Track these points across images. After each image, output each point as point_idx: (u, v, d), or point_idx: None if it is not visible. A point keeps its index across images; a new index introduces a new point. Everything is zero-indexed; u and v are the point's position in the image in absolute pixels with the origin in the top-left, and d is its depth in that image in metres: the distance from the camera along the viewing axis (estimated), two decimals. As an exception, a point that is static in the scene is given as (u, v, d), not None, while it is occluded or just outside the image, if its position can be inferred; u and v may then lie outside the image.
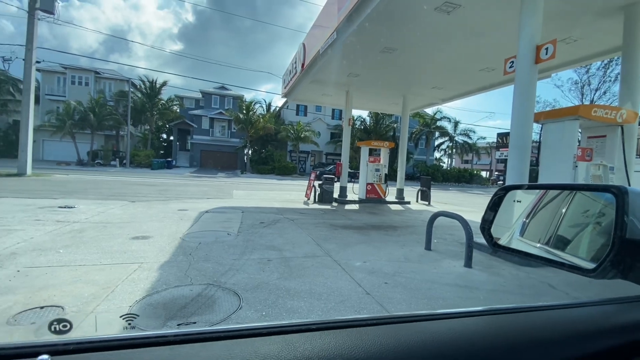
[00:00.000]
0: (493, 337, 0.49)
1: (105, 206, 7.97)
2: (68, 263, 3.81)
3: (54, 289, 3.06)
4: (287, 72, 13.56)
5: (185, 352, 0.39)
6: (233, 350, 0.40)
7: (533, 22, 5.26)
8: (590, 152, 5.26)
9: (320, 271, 4.07)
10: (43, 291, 3.01)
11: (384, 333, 0.47)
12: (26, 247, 4.30)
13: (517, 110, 5.44)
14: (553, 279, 4.29)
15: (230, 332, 0.44)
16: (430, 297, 3.53)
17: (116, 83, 35.91)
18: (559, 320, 0.57)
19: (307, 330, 0.47)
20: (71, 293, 3.00)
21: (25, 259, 3.85)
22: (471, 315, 0.56)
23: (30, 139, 14.87)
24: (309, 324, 0.48)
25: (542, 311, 0.60)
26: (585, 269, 0.63)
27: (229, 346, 0.41)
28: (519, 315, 0.58)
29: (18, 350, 0.37)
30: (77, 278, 3.36)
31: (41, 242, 4.58)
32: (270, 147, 36.79)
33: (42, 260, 3.83)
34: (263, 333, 0.45)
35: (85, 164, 29.12)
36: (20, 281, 3.21)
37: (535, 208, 0.88)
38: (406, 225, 8.13)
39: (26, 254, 4.03)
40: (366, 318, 0.51)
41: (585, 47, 7.80)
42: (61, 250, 4.29)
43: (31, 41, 14.69)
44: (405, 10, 6.53)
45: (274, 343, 0.43)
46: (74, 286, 3.16)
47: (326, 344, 0.43)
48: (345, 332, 0.47)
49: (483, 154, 45.05)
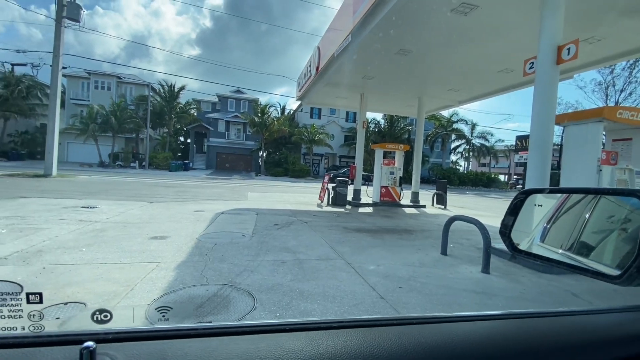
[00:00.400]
0: (514, 341, 0.48)
1: (125, 207, 8.21)
2: (90, 261, 3.94)
3: (77, 286, 3.18)
4: (302, 75, 13.66)
5: (214, 345, 0.41)
6: (259, 344, 0.42)
7: (554, 21, 5.12)
8: (615, 155, 5.06)
9: (334, 274, 4.06)
10: (67, 288, 3.13)
11: (403, 333, 0.47)
12: (51, 245, 4.49)
13: (538, 112, 5.29)
14: (576, 287, 4.13)
15: (256, 327, 0.46)
16: (446, 303, 3.46)
17: (137, 87, 37.09)
18: (581, 326, 0.55)
19: (328, 327, 0.48)
20: (93, 290, 3.11)
21: (50, 257, 4.01)
22: (491, 319, 0.55)
23: (56, 142, 15.52)
24: (331, 322, 0.49)
25: (564, 317, 0.58)
26: (610, 275, 0.61)
27: (255, 340, 0.43)
28: (540, 320, 0.57)
29: (64, 338, 0.40)
30: (98, 276, 3.48)
31: (65, 241, 4.76)
32: (284, 150, 37.09)
33: (66, 258, 3.99)
34: (287, 329, 0.46)
35: (106, 165, 30.14)
36: (46, 278, 3.35)
37: (557, 213, 0.86)
38: (421, 229, 8.02)
39: (51, 252, 4.20)
40: (385, 318, 0.51)
41: (610, 46, 7.52)
42: (84, 248, 4.45)
43: (58, 48, 15.37)
44: (421, 13, 6.48)
45: (297, 339, 0.44)
46: (96, 284, 3.27)
47: (347, 342, 0.44)
48: (365, 331, 0.48)
49: (501, 157, 43.95)
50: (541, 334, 0.52)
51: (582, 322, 0.58)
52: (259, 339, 0.44)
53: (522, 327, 0.54)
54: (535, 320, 0.57)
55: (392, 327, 0.49)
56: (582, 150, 5.03)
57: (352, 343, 0.43)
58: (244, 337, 0.44)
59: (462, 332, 0.48)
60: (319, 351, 0.41)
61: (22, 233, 5.00)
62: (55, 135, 15.41)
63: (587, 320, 0.59)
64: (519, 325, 0.54)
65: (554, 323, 0.56)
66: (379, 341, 0.44)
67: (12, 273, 3.43)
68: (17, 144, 31.64)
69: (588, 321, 0.59)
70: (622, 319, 0.61)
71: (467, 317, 0.54)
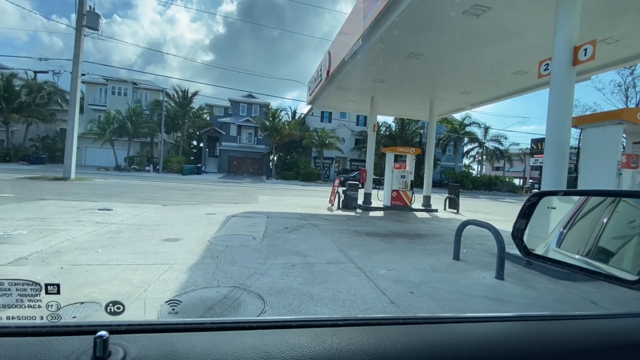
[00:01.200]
0: (522, 343, 0.47)
1: (140, 209, 8.39)
2: (105, 262, 4.04)
3: (93, 286, 3.25)
4: (313, 79, 13.75)
5: (222, 339, 0.42)
6: (265, 339, 0.43)
7: (570, 22, 5.01)
8: (636, 158, 4.89)
9: (344, 278, 4.04)
10: (83, 287, 3.21)
11: (408, 332, 0.47)
12: (69, 246, 4.61)
13: (553, 115, 5.17)
14: (595, 294, 4.00)
15: (263, 322, 0.46)
16: (459, 309, 3.40)
17: (151, 93, 38.04)
18: (594, 331, 0.54)
19: (334, 325, 0.48)
20: (108, 290, 3.18)
21: (68, 257, 4.12)
22: (498, 320, 0.54)
23: (74, 146, 16.02)
24: (337, 319, 0.49)
25: (577, 320, 0.57)
26: (628, 280, 0.59)
27: (262, 335, 0.44)
28: (550, 323, 0.55)
29: (79, 328, 0.42)
30: (113, 276, 3.55)
31: (82, 242, 4.89)
32: (295, 154, 37.27)
33: (82, 259, 4.09)
34: (293, 325, 0.47)
35: (122, 169, 30.91)
36: (64, 277, 3.44)
37: (574, 217, 0.83)
38: (433, 233, 7.91)
39: (69, 253, 4.32)
40: (391, 317, 0.51)
41: (629, 47, 7.31)
42: (99, 250, 4.56)
43: (78, 55, 15.91)
44: (432, 16, 6.45)
45: (303, 335, 0.44)
46: (111, 284, 3.34)
47: (353, 339, 0.44)
48: (370, 329, 0.47)
49: (516, 160, 43.05)
50: (551, 337, 0.50)
51: (594, 326, 0.56)
52: (265, 334, 0.44)
53: (531, 329, 0.53)
54: (545, 323, 0.55)
55: (398, 326, 0.49)
56: (600, 153, 4.89)
57: (357, 341, 0.44)
58: (251, 331, 0.45)
59: (468, 333, 0.47)
60: (324, 347, 0.41)
61: (41, 234, 5.16)
62: (74, 139, 15.90)
63: (600, 325, 0.57)
64: (527, 328, 0.53)
65: (565, 326, 0.55)
66: (384, 340, 0.44)
67: (31, 272, 3.54)
68: (38, 148, 32.82)
69: (601, 325, 0.57)
70: (633, 325, 0.59)
71: (474, 319, 0.53)
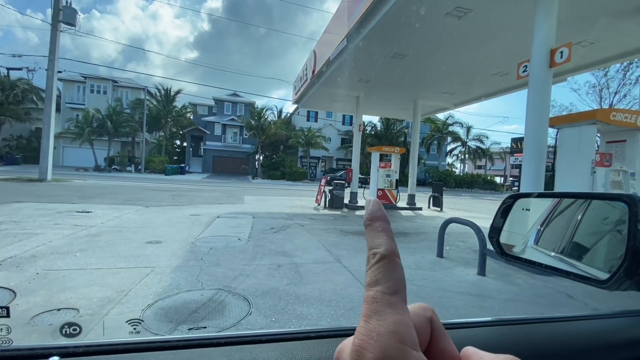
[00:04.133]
0: (508, 349, 0.48)
1: (121, 211, 8.16)
2: (84, 266, 3.90)
3: (70, 292, 3.14)
4: (298, 78, 13.70)
5: (187, 357, 0.41)
6: (233, 356, 0.41)
7: (547, 25, 5.18)
8: (609, 157, 5.10)
9: (330, 277, 4.05)
10: (60, 294, 3.10)
11: None
12: (45, 251, 4.44)
13: (532, 115, 5.33)
14: (571, 288, 4.15)
15: (231, 338, 0.45)
16: (442, 305, 3.46)
17: (133, 91, 37.02)
18: (579, 332, 0.56)
19: (305, 338, 0.47)
20: (87, 296, 3.07)
21: (44, 262, 3.97)
22: (480, 326, 0.55)
23: (51, 146, 15.42)
24: (309, 332, 0.49)
25: (553, 323, 0.58)
26: (599, 279, 0.61)
27: (229, 352, 0.42)
28: (530, 327, 0.57)
29: (32, 352, 0.39)
30: (92, 281, 3.44)
31: (59, 246, 4.72)
32: (281, 153, 37.11)
33: (59, 264, 3.94)
34: (262, 340, 0.46)
35: (102, 169, 29.96)
36: (39, 283, 3.31)
37: (550, 215, 0.86)
38: (417, 231, 8.03)
39: (45, 257, 4.15)
40: None
41: (603, 49, 7.61)
42: (78, 253, 4.40)
43: (54, 52, 15.30)
44: (415, 17, 6.53)
45: (272, 350, 0.43)
46: (90, 289, 3.23)
47: (324, 352, 0.43)
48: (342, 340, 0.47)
49: (497, 159, 44.23)
50: (538, 341, 0.51)
51: (579, 328, 0.58)
52: (233, 350, 0.43)
53: (518, 333, 0.54)
54: (532, 327, 0.57)
55: None
56: (576, 152, 5.07)
57: (329, 353, 0.43)
58: (219, 348, 0.43)
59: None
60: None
61: (15, 238, 4.94)
62: (50, 139, 15.30)
63: (585, 326, 0.59)
64: (514, 332, 0.54)
65: (551, 329, 0.56)
66: None
67: (4, 279, 3.38)
68: (12, 148, 31.43)
69: (586, 327, 0.59)
70: (621, 324, 0.61)
71: (458, 325, 0.54)
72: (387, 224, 0.25)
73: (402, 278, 0.22)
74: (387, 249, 0.23)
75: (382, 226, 0.24)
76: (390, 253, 0.23)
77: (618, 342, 0.54)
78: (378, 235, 0.24)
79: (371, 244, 0.24)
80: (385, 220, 0.25)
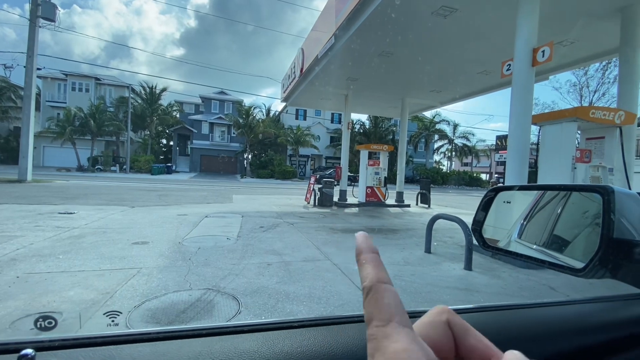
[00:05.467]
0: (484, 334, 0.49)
1: (105, 212, 7.97)
2: (67, 269, 3.80)
3: (53, 295, 3.06)
4: (286, 76, 13.63)
5: (166, 349, 0.40)
6: (213, 346, 0.41)
7: (529, 25, 5.30)
8: (589, 153, 5.26)
9: (320, 275, 4.06)
10: (42, 297, 3.01)
11: (364, 329, 0.47)
12: (26, 253, 4.30)
13: (515, 113, 5.45)
14: (554, 281, 4.28)
15: (213, 329, 0.45)
16: (430, 300, 3.52)
17: (116, 89, 36.12)
18: (549, 317, 0.58)
19: (288, 327, 0.48)
20: (70, 299, 3.00)
21: (24, 265, 3.84)
22: (462, 312, 0.56)
23: (31, 146, 14.91)
24: (292, 321, 0.49)
25: (532, 308, 0.60)
26: (575, 268, 0.63)
27: (209, 343, 0.42)
28: (510, 312, 0.58)
29: (5, 347, 0.38)
30: (76, 284, 3.36)
31: (41, 248, 4.58)
32: (270, 152, 36.89)
33: (41, 267, 3.83)
34: (245, 330, 0.46)
35: (85, 169, 29.17)
36: (20, 287, 3.21)
37: (533, 210, 0.88)
38: (406, 228, 8.12)
39: (25, 260, 4.03)
40: (347, 316, 0.51)
41: (583, 49, 7.84)
42: (60, 256, 4.29)
43: (32, 48, 14.79)
44: (402, 15, 6.58)
45: (254, 340, 0.43)
46: (74, 292, 3.15)
47: (306, 340, 0.44)
48: (326, 329, 0.48)
49: (482, 156, 45.08)
50: (511, 326, 0.53)
51: (549, 314, 0.60)
52: (214, 341, 0.43)
53: (492, 319, 0.55)
54: (506, 313, 0.58)
55: (353, 324, 0.50)
56: (557, 148, 5.21)
57: (310, 341, 0.43)
58: (199, 339, 0.43)
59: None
60: (275, 351, 0.41)
61: (-7, 241, 4.77)
62: (30, 138, 14.79)
63: (556, 312, 0.61)
64: (487, 318, 0.56)
65: (523, 314, 0.58)
66: (337, 338, 0.44)
67: (-18, 283, 3.27)
68: (-11, 148, 30.27)
69: (556, 312, 0.61)
70: (589, 310, 0.63)
71: None
72: (372, 253, 0.25)
73: (394, 302, 0.22)
74: (372, 279, 0.23)
75: (366, 258, 0.24)
76: (376, 282, 0.22)
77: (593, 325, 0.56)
78: (364, 268, 0.24)
79: (361, 279, 0.23)
80: (369, 251, 0.25)
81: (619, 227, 0.59)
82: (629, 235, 0.61)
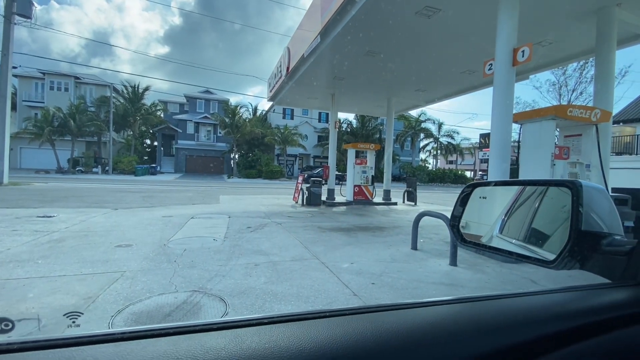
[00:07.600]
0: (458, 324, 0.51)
1: (87, 214, 7.75)
2: (47, 274, 3.68)
3: (32, 301, 2.96)
4: (273, 75, 13.55)
5: (130, 349, 0.39)
6: (180, 345, 0.41)
7: (509, 25, 5.43)
8: (567, 150, 5.44)
9: (308, 274, 4.06)
10: (20, 303, 2.91)
11: (334, 324, 0.48)
12: (2, 259, 4.14)
13: (497, 112, 5.59)
14: (535, 274, 4.41)
15: (180, 328, 0.44)
16: (417, 296, 3.57)
17: (97, 88, 35.09)
18: (522, 307, 0.60)
19: (258, 324, 0.48)
20: (50, 305, 2.90)
21: (1, 271, 3.70)
22: (439, 304, 0.58)
23: (6, 147, 14.36)
24: (262, 318, 0.49)
25: (506, 299, 0.63)
26: (547, 260, 0.66)
27: (175, 341, 0.42)
28: (485, 303, 0.60)
29: None
30: (56, 289, 3.25)
31: (18, 253, 4.42)
32: (257, 151, 36.60)
33: (19, 272, 3.70)
34: (214, 328, 0.45)
35: (65, 171, 28.25)
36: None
37: (513, 206, 0.91)
38: (393, 225, 8.21)
39: (2, 266, 3.87)
40: (316, 311, 0.52)
41: (561, 49, 8.09)
42: (40, 261, 4.14)
43: (7, 46, 14.23)
44: (387, 15, 6.64)
45: (222, 337, 0.43)
46: (54, 297, 3.06)
47: (274, 336, 0.44)
48: (296, 324, 0.48)
49: (467, 154, 45.99)
50: (487, 316, 0.55)
51: (524, 303, 0.62)
52: (182, 339, 0.42)
53: (467, 310, 0.57)
54: (482, 303, 0.60)
55: (322, 319, 0.50)
56: (537, 146, 5.37)
57: (279, 337, 0.44)
58: (165, 338, 0.42)
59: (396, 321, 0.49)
60: (242, 347, 0.41)
61: (-33, 247, 4.58)
62: (5, 139, 14.24)
63: (528, 301, 0.63)
64: (461, 309, 0.58)
65: (496, 305, 0.60)
66: (307, 334, 0.45)
67: (-45, 291, 3.13)
68: (-39, 150, 28.92)
69: (529, 302, 0.63)
70: (559, 299, 0.66)
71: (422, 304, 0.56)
72: None
73: None
74: None
75: None
76: None
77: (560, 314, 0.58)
78: None
79: None
80: None
81: (587, 219, 0.62)
82: (597, 227, 0.63)
